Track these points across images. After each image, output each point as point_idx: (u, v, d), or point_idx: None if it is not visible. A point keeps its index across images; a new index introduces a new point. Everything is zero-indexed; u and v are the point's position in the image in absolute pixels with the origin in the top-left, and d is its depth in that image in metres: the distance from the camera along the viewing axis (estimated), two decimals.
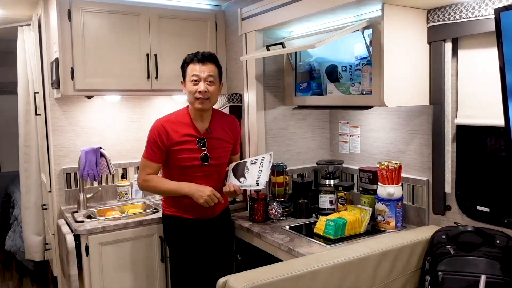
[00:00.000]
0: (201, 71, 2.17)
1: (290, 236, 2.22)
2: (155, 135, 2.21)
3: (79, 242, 2.42)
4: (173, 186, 2.23)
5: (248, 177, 2.24)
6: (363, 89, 2.16)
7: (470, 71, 1.99)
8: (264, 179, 2.21)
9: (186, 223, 2.29)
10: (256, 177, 2.22)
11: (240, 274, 1.65)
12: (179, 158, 2.22)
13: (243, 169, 2.28)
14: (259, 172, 2.21)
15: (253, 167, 2.23)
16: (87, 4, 2.65)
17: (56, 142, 2.92)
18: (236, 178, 2.28)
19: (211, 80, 2.19)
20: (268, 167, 2.23)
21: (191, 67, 2.20)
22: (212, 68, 2.20)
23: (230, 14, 3.07)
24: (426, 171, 2.23)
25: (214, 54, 2.26)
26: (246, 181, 2.24)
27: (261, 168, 2.22)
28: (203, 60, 2.19)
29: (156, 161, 2.24)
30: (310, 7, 2.13)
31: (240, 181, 2.25)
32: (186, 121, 2.26)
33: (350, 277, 1.74)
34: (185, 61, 2.25)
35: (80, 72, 2.65)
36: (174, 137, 2.21)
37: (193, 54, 2.23)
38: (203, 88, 2.16)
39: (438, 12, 2.01)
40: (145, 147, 2.26)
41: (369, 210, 2.25)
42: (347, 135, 2.77)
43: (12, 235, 4.24)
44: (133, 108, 3.16)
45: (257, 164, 2.24)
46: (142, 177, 2.26)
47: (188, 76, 2.21)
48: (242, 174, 2.26)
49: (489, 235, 1.80)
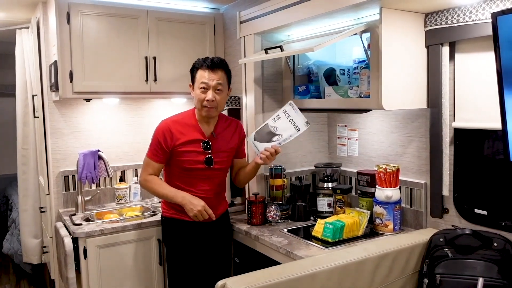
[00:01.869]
0: (210, 79, 2.16)
1: (288, 239, 2.22)
2: (160, 135, 2.21)
3: (77, 245, 2.42)
4: (170, 192, 2.24)
5: (281, 132, 2.19)
6: (361, 92, 2.17)
7: (468, 74, 2.00)
8: (301, 121, 2.18)
9: (185, 225, 2.29)
10: (291, 125, 2.18)
11: (238, 277, 1.65)
12: (183, 160, 2.22)
13: (269, 131, 2.22)
14: (290, 121, 2.16)
15: (280, 122, 2.17)
16: (86, 7, 2.66)
17: (54, 145, 2.92)
18: (267, 142, 2.23)
19: (219, 88, 2.19)
20: (296, 112, 2.18)
21: (200, 73, 2.19)
22: (222, 75, 2.19)
23: (228, 17, 3.08)
24: (424, 174, 2.24)
25: (224, 60, 2.25)
26: (282, 136, 2.21)
27: (291, 117, 2.17)
28: (212, 67, 2.17)
29: (158, 161, 2.25)
30: (309, 11, 2.14)
31: (273, 141, 2.21)
32: (192, 123, 2.26)
33: (348, 280, 1.75)
34: (195, 65, 2.24)
35: (79, 75, 2.65)
36: (179, 137, 2.21)
37: (202, 59, 2.21)
38: (211, 97, 2.16)
39: (435, 16, 2.02)
40: (149, 145, 2.27)
41: (367, 213, 2.25)
42: (345, 138, 2.77)
43: (9, 238, 4.23)
44: (132, 111, 3.16)
45: (282, 118, 2.18)
46: (144, 176, 2.29)
47: (197, 82, 2.20)
48: (272, 135, 2.19)
49: (487, 238, 1.81)
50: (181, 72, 2.95)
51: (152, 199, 3.12)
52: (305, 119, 2.25)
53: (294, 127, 2.23)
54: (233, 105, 2.88)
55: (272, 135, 2.22)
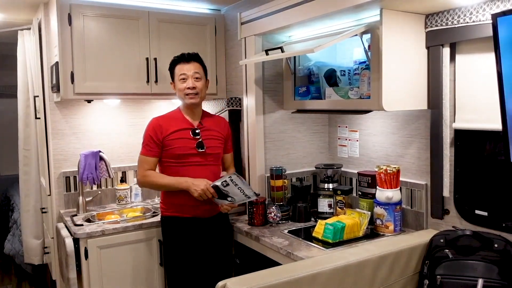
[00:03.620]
0: (188, 69, 2.33)
1: (289, 239, 2.22)
2: (150, 130, 2.34)
3: (78, 246, 2.42)
4: (171, 180, 2.31)
5: (233, 196, 2.24)
6: (361, 93, 2.17)
7: (468, 75, 2.00)
8: (250, 191, 2.25)
9: (184, 223, 2.32)
10: (241, 193, 2.23)
11: (239, 278, 1.65)
12: (174, 147, 2.30)
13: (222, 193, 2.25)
14: (239, 189, 2.22)
15: (230, 188, 2.21)
16: (88, 8, 2.66)
17: (56, 146, 2.92)
18: (224, 200, 2.28)
19: (197, 76, 2.34)
20: (244, 183, 2.23)
21: (178, 67, 2.35)
22: (198, 66, 2.36)
23: (229, 19, 3.09)
24: (425, 175, 2.24)
25: (197, 54, 2.41)
26: (235, 199, 2.26)
27: (238, 185, 2.21)
28: (188, 59, 2.34)
29: (153, 155, 2.33)
30: (309, 12, 2.14)
31: (229, 200, 2.27)
32: (179, 116, 2.38)
33: (348, 280, 1.75)
34: (172, 63, 2.40)
35: (80, 76, 2.66)
36: (168, 128, 2.32)
37: (178, 56, 2.37)
38: (192, 84, 2.31)
39: (436, 17, 2.02)
40: (142, 145, 2.36)
41: (367, 214, 2.25)
42: (345, 139, 2.77)
43: (11, 238, 4.24)
44: (133, 112, 3.17)
45: (231, 185, 2.21)
46: (141, 173, 2.35)
47: (177, 75, 2.35)
48: (226, 196, 2.24)
49: (487, 239, 1.81)
50: None
51: (153, 200, 3.12)
52: (253, 190, 2.28)
53: (243, 195, 2.24)
54: (234, 106, 2.88)
55: (225, 196, 2.25)
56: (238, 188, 2.22)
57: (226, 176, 2.25)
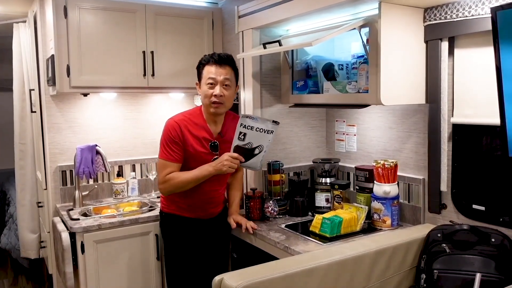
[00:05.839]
0: (217, 73, 2.12)
1: (286, 234, 2.22)
2: (171, 132, 2.14)
3: (74, 240, 2.41)
4: (195, 172, 2.14)
5: (257, 143, 2.11)
6: (359, 87, 2.16)
7: (467, 70, 1.99)
8: (268, 124, 2.10)
9: (184, 221, 2.30)
10: (261, 133, 2.10)
11: (236, 272, 1.65)
12: (190, 161, 2.18)
13: (245, 150, 2.13)
14: (257, 130, 2.09)
15: (248, 137, 2.09)
16: (83, 0, 2.64)
17: (52, 140, 2.90)
18: (255, 158, 2.15)
19: (227, 83, 2.14)
20: (257, 120, 2.09)
21: (207, 68, 2.14)
22: (229, 71, 2.15)
23: (227, 12, 3.07)
24: (422, 169, 2.23)
25: (231, 56, 2.20)
26: (262, 146, 2.12)
27: (255, 127, 2.09)
28: (220, 62, 2.12)
29: (176, 161, 2.15)
30: (307, 5, 2.13)
31: (255, 154, 2.12)
32: (200, 123, 2.21)
33: (345, 275, 1.75)
34: (201, 62, 2.19)
35: (76, 69, 2.63)
36: (188, 137, 2.15)
37: (209, 55, 2.16)
38: (219, 92, 2.11)
39: (434, 10, 2.01)
40: (161, 148, 2.18)
41: (365, 209, 2.25)
42: (343, 134, 2.77)
43: (7, 232, 4.23)
44: (129, 106, 3.15)
45: (248, 133, 2.08)
46: (162, 178, 2.15)
47: (204, 78, 2.15)
48: (252, 150, 2.12)
49: (485, 234, 1.81)
50: (179, 67, 2.94)
51: (150, 194, 3.11)
52: (269, 120, 2.12)
53: (266, 133, 2.11)
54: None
55: (252, 150, 2.12)
56: (256, 130, 2.06)
57: (237, 128, 2.09)
